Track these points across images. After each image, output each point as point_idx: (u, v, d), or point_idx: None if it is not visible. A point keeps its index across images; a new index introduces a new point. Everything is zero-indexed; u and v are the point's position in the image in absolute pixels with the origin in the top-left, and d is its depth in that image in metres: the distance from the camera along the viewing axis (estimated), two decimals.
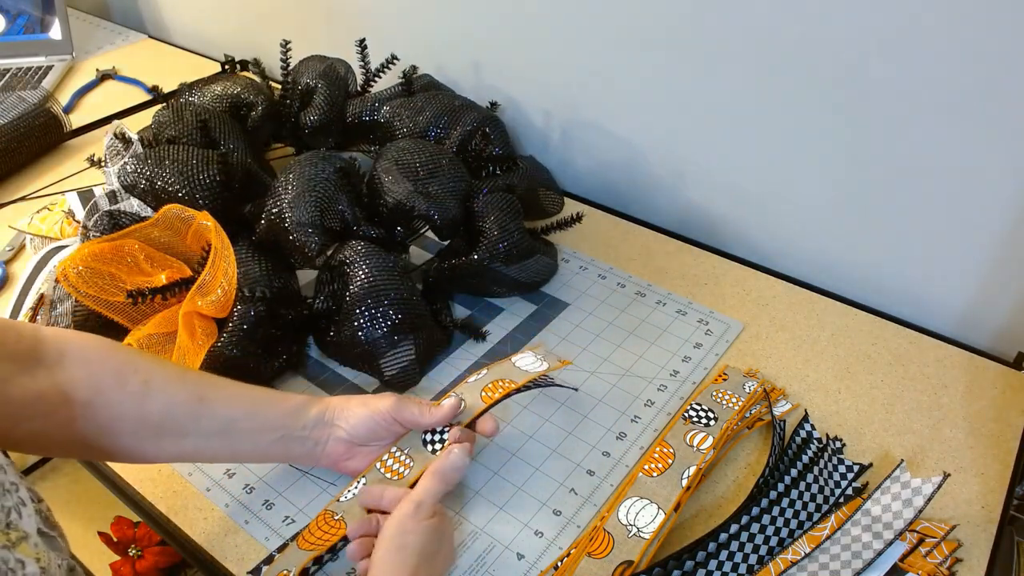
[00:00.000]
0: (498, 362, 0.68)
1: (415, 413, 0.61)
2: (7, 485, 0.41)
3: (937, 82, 0.68)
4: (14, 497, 0.41)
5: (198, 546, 0.62)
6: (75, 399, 0.51)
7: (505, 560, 0.59)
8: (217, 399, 0.57)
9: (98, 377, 0.53)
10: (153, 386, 0.55)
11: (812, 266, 0.87)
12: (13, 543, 0.38)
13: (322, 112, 0.95)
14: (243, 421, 0.58)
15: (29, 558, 0.38)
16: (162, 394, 0.55)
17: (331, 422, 0.61)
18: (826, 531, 0.58)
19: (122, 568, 1.03)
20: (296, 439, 0.60)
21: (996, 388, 0.72)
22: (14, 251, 0.92)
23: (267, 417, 0.59)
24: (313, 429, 0.61)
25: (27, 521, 0.41)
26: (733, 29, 0.78)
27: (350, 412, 0.61)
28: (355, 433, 0.61)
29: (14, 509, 0.40)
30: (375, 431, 0.61)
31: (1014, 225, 0.71)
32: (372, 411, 0.61)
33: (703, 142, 0.88)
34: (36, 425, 0.50)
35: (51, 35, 1.38)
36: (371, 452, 0.63)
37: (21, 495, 0.42)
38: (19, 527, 0.40)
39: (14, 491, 0.41)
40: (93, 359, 0.53)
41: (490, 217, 0.78)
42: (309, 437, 0.61)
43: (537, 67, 0.98)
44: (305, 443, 0.61)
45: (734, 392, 0.69)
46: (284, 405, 0.60)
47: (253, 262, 0.74)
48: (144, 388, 0.54)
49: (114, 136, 0.86)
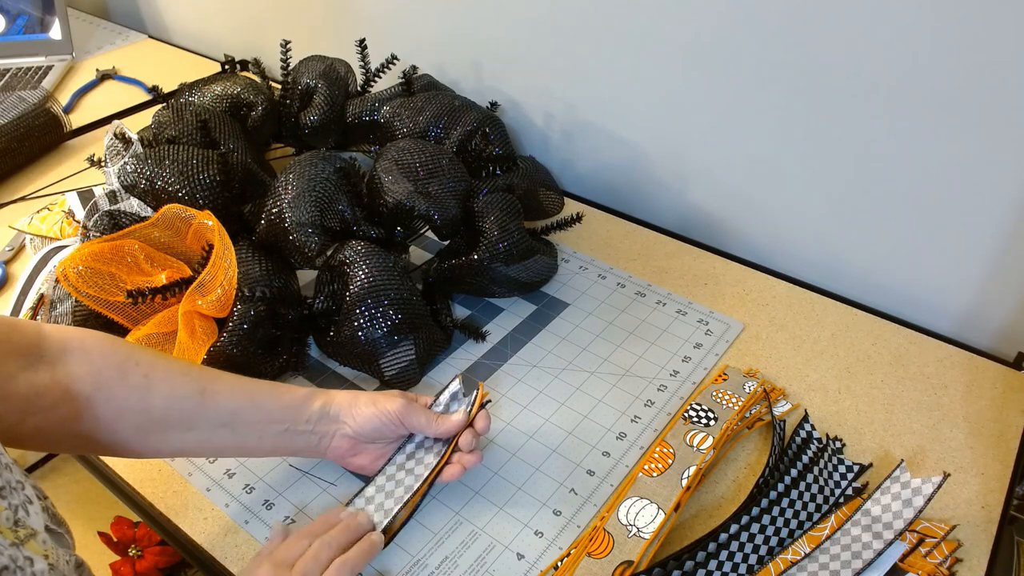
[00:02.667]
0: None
1: (423, 423, 0.61)
2: (13, 483, 0.41)
3: (937, 82, 0.68)
4: (21, 495, 0.41)
5: (198, 546, 0.62)
6: (77, 393, 0.51)
7: (505, 560, 0.59)
8: (219, 391, 0.57)
9: (99, 371, 0.53)
10: (154, 379, 0.55)
11: (812, 266, 0.87)
12: (22, 540, 0.38)
13: (322, 112, 0.95)
14: (246, 413, 0.58)
15: (38, 555, 0.39)
16: (164, 387, 0.55)
17: (337, 418, 0.61)
18: (826, 531, 0.58)
19: (122, 568, 1.03)
20: (300, 432, 0.60)
21: (996, 388, 0.72)
22: (14, 251, 0.92)
23: (270, 409, 0.59)
24: (317, 423, 0.61)
25: (35, 518, 0.41)
26: (733, 30, 0.78)
27: (358, 411, 0.61)
28: (361, 432, 0.61)
29: (21, 507, 0.40)
30: (381, 431, 0.62)
31: (1014, 225, 0.71)
32: (380, 411, 0.61)
33: (703, 142, 0.88)
34: (40, 420, 0.50)
35: (51, 35, 1.38)
36: (377, 449, 0.63)
37: (27, 493, 0.42)
38: (27, 524, 0.40)
39: (20, 489, 0.41)
40: (94, 354, 0.53)
41: (490, 217, 0.78)
42: (314, 431, 0.61)
43: (537, 67, 0.98)
44: (310, 437, 0.61)
45: (734, 392, 0.69)
46: (287, 398, 0.60)
47: (253, 262, 0.74)
48: (145, 381, 0.54)
49: (114, 136, 0.86)
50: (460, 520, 0.62)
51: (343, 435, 0.61)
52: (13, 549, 0.37)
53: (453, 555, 0.60)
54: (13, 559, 0.36)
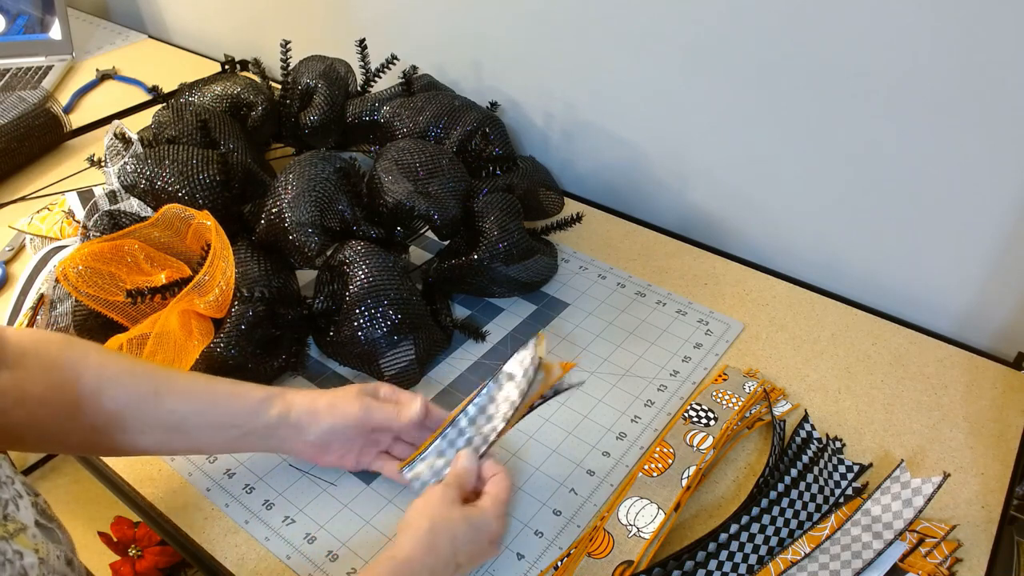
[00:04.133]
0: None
1: (389, 416, 0.61)
2: (2, 478, 0.42)
3: (937, 82, 0.68)
4: (10, 490, 0.42)
5: (198, 546, 0.62)
6: (32, 395, 0.52)
7: (505, 560, 0.59)
8: (171, 393, 0.57)
9: (53, 374, 0.53)
10: (106, 381, 0.55)
11: (812, 266, 0.87)
12: (11, 534, 0.39)
13: (322, 112, 0.95)
14: (195, 417, 0.58)
15: (27, 549, 0.39)
16: (117, 389, 0.55)
17: (297, 424, 0.60)
18: (826, 531, 0.58)
19: (122, 568, 1.03)
20: (259, 435, 0.60)
21: (996, 388, 0.72)
22: (14, 251, 0.92)
23: (221, 414, 0.59)
24: (277, 428, 0.60)
25: (24, 513, 0.42)
26: (733, 30, 0.78)
27: (318, 419, 0.60)
28: (324, 440, 0.61)
29: (11, 502, 0.41)
30: (344, 435, 0.61)
31: (1014, 225, 0.71)
32: (339, 420, 0.60)
33: (703, 142, 0.88)
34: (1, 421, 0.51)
35: (51, 35, 1.38)
36: (344, 446, 0.62)
37: (17, 488, 0.43)
38: (16, 519, 0.40)
39: (10, 484, 0.42)
40: (52, 356, 0.54)
41: (490, 217, 0.78)
42: (273, 436, 0.60)
43: (537, 67, 0.98)
44: (269, 440, 0.61)
45: (734, 392, 0.69)
46: (241, 401, 0.60)
47: (252, 262, 0.74)
48: (97, 383, 0.55)
49: (114, 136, 0.86)
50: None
51: (306, 441, 0.61)
52: (2, 543, 0.37)
53: None
54: (2, 552, 0.37)
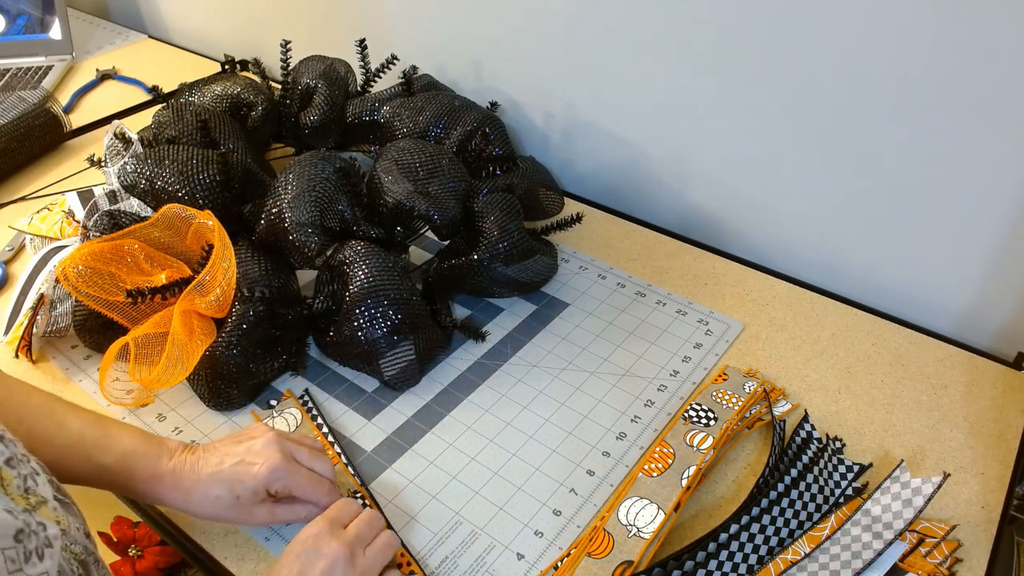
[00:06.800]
0: None
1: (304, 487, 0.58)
2: (19, 455, 0.42)
3: (937, 82, 0.68)
4: (28, 466, 0.42)
5: (198, 546, 0.61)
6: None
7: (505, 560, 0.59)
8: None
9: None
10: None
11: (812, 266, 0.87)
12: (33, 507, 0.39)
13: (322, 112, 0.95)
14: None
15: (49, 520, 0.40)
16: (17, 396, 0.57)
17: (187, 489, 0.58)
18: (826, 531, 0.58)
19: (122, 568, 1.03)
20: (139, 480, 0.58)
21: (996, 388, 0.72)
22: (14, 251, 0.92)
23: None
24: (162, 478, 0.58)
25: (43, 488, 0.42)
26: (733, 30, 0.78)
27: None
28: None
29: (30, 476, 0.42)
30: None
31: (1014, 225, 0.71)
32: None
33: (703, 142, 0.88)
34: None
35: (51, 35, 1.38)
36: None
37: (33, 465, 0.43)
38: (37, 492, 0.41)
39: (26, 461, 0.43)
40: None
41: (490, 217, 0.78)
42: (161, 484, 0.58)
43: (537, 67, 0.98)
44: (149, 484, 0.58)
45: (734, 392, 0.69)
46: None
47: (253, 262, 0.74)
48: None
49: (114, 136, 0.86)
50: (460, 520, 0.62)
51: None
52: (26, 515, 0.38)
53: (453, 555, 0.60)
54: (27, 523, 0.37)
